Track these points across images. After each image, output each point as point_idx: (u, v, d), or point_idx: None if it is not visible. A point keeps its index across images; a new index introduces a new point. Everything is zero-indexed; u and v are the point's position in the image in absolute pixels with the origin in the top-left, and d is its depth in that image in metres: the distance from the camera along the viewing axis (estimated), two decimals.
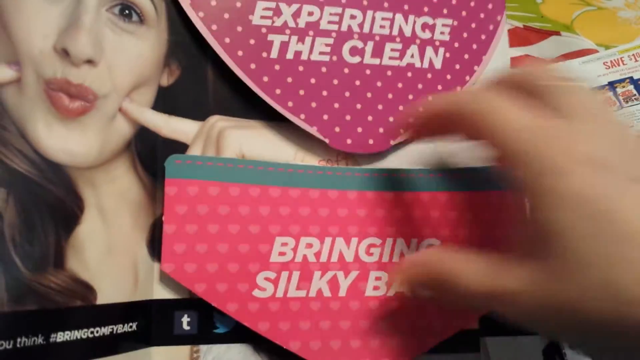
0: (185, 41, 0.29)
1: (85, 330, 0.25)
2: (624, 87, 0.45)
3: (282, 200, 0.28)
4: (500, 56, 0.36)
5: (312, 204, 0.29)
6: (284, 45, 0.30)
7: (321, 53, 0.31)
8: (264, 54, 0.30)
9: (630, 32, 0.51)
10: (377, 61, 0.32)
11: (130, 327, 0.26)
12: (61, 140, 0.26)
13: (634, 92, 0.45)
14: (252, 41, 0.30)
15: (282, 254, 0.28)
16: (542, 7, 0.52)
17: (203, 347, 0.27)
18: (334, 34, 0.31)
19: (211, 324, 0.27)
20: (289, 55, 0.31)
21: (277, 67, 0.30)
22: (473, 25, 0.35)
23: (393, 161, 0.32)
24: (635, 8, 0.52)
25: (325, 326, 0.28)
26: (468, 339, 0.30)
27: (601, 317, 0.18)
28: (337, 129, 0.31)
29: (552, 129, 0.20)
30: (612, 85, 0.45)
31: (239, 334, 0.28)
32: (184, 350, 0.27)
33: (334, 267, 0.29)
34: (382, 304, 0.29)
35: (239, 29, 0.30)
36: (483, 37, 0.35)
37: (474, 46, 0.35)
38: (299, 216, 0.29)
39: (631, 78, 0.45)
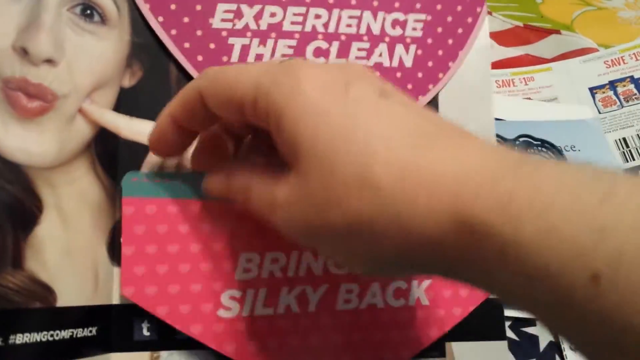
0: (147, 42, 0.29)
1: (45, 332, 0.24)
2: (624, 86, 0.45)
3: (244, 215, 0.27)
4: (480, 51, 0.34)
5: None
6: (245, 49, 0.30)
7: (284, 55, 0.31)
8: (225, 58, 0.30)
9: (630, 32, 0.51)
10: (342, 62, 0.32)
11: (90, 331, 0.26)
12: (19, 140, 0.26)
13: (635, 91, 0.45)
14: (212, 45, 0.30)
15: (247, 270, 0.27)
16: (542, 7, 0.53)
17: (164, 354, 0.26)
18: (297, 35, 0.31)
19: (172, 329, 0.27)
20: (250, 59, 0.30)
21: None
22: (449, 19, 0.34)
23: None
24: (635, 8, 0.53)
25: (294, 344, 0.27)
26: (434, 344, 0.30)
27: (364, 212, 0.18)
28: None
29: (283, 65, 0.21)
30: (612, 84, 0.45)
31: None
32: (144, 356, 0.26)
33: (302, 281, 0.28)
34: (354, 317, 0.28)
35: (199, 32, 0.30)
36: (460, 31, 0.34)
37: (450, 41, 0.34)
38: (263, 230, 0.27)
39: (632, 77, 0.46)
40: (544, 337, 0.34)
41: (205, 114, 0.23)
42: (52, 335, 0.24)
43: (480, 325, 0.31)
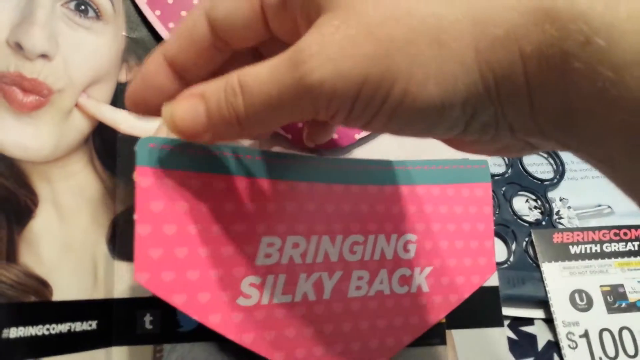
0: (143, 37, 0.30)
1: (41, 326, 0.24)
2: None
3: (269, 195, 0.25)
4: None
5: (298, 199, 0.26)
6: None
7: None
8: None
9: None
10: None
11: (90, 325, 0.25)
12: (14, 135, 0.25)
13: None
14: None
15: (268, 255, 0.25)
16: None
17: (166, 346, 0.26)
18: None
19: (175, 322, 0.27)
20: None
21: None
22: None
23: (358, 155, 0.32)
24: None
25: (309, 332, 0.26)
26: (435, 331, 0.30)
27: (433, 13, 0.16)
28: (300, 124, 0.30)
29: None
30: None
31: (203, 332, 0.26)
32: (146, 349, 0.26)
33: (319, 268, 0.27)
34: (363, 304, 0.28)
35: None
36: None
37: None
38: (285, 212, 0.26)
39: None
40: (542, 337, 0.34)
41: (209, 40, 0.20)
42: (48, 329, 0.24)
43: (479, 312, 0.31)
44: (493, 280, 0.32)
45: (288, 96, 0.17)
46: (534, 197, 0.40)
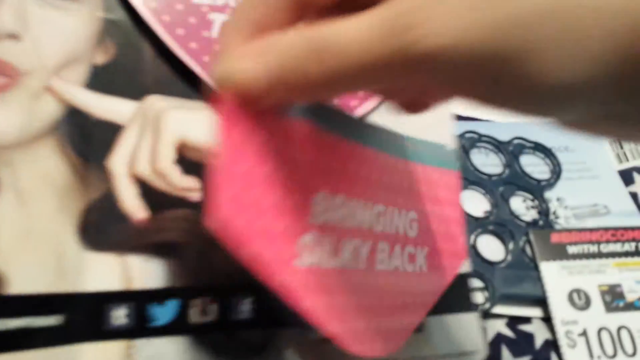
0: (120, 19, 0.28)
1: None
2: None
3: (322, 149, 0.23)
4: None
5: (341, 159, 0.24)
6: None
7: None
8: (205, 33, 0.29)
9: None
10: None
11: (54, 320, 0.24)
12: None
13: None
14: (192, 20, 0.29)
15: (318, 213, 0.22)
16: None
17: (138, 342, 0.25)
18: None
19: (147, 316, 0.25)
20: None
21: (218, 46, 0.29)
22: None
23: None
24: None
25: (352, 303, 0.23)
26: None
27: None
28: None
29: None
30: None
31: (176, 327, 0.25)
32: (117, 345, 0.24)
33: (355, 234, 0.24)
34: (385, 279, 0.26)
35: (179, 7, 0.29)
36: None
37: None
38: (332, 170, 0.23)
39: None
40: (540, 335, 0.34)
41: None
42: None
43: (450, 299, 0.30)
44: (464, 267, 0.32)
45: (389, 62, 0.14)
46: (531, 197, 0.40)
